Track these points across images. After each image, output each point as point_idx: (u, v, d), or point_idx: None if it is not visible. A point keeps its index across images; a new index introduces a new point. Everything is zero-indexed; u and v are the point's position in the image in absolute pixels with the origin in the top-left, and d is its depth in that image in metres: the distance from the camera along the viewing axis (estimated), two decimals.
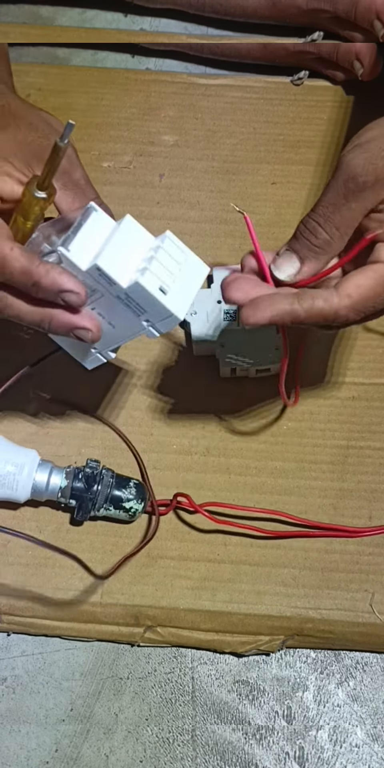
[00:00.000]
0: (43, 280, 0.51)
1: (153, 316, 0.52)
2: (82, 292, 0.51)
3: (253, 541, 0.62)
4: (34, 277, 0.51)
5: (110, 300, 0.52)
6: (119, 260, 0.51)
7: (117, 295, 0.52)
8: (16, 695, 0.60)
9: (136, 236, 0.52)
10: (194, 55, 0.84)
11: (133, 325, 0.53)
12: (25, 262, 0.51)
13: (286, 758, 0.58)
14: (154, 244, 0.52)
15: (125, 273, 0.51)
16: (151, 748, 0.58)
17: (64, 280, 0.51)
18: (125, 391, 0.68)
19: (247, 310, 0.51)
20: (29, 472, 0.60)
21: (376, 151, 0.49)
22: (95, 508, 0.60)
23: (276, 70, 0.83)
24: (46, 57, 0.85)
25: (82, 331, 0.53)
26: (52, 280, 0.51)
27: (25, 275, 0.51)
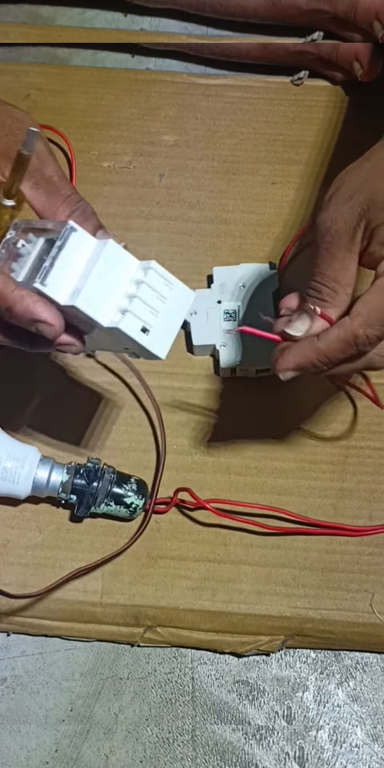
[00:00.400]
0: (16, 307, 0.49)
1: (134, 349, 0.51)
2: (57, 324, 0.49)
3: (253, 541, 0.62)
4: (8, 303, 0.49)
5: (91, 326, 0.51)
6: (99, 296, 0.48)
7: (99, 328, 0.50)
8: (16, 695, 0.60)
9: (118, 264, 0.49)
10: (194, 55, 0.84)
11: (117, 345, 0.52)
12: (0, 286, 0.49)
13: (286, 758, 0.58)
14: (138, 273, 0.50)
15: (106, 310, 0.48)
16: (151, 748, 0.58)
17: (39, 309, 0.49)
18: (125, 391, 0.68)
19: (277, 362, 0.54)
20: (31, 466, 0.60)
21: (333, 206, 0.52)
22: (96, 503, 0.60)
23: (276, 70, 0.83)
24: (46, 57, 0.84)
25: (65, 347, 0.52)
26: (25, 308, 0.48)
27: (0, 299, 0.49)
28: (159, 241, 0.74)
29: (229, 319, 0.68)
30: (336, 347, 0.51)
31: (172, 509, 0.63)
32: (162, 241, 0.74)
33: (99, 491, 0.60)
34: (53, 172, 0.53)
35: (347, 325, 0.51)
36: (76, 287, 0.48)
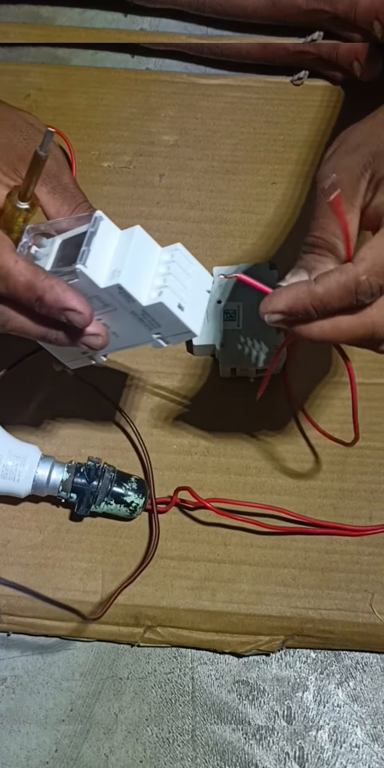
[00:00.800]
0: (47, 296, 0.49)
1: (167, 330, 0.52)
2: (87, 313, 0.49)
3: (253, 541, 0.62)
4: (38, 292, 0.49)
5: (122, 314, 0.51)
6: (137, 277, 0.50)
7: (132, 310, 0.51)
8: (16, 695, 0.60)
9: (146, 249, 0.51)
10: (194, 55, 0.84)
11: (140, 337, 0.53)
12: (30, 276, 0.49)
13: (286, 758, 0.58)
14: (165, 256, 0.51)
15: (143, 290, 0.50)
16: (151, 748, 0.58)
17: (68, 297, 0.49)
18: (125, 391, 0.68)
19: (264, 302, 0.49)
20: (31, 464, 0.60)
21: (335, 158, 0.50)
22: (96, 502, 0.60)
23: (276, 70, 0.83)
24: (46, 57, 0.85)
25: (91, 338, 0.51)
26: (55, 296, 0.49)
27: (29, 290, 0.49)
28: (159, 241, 0.73)
29: (229, 319, 0.68)
30: (334, 293, 0.47)
31: (172, 509, 0.63)
32: (162, 241, 0.73)
33: (99, 490, 0.60)
34: (70, 179, 0.55)
35: (350, 269, 0.47)
36: (112, 270, 0.49)
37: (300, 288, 0.48)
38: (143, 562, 0.61)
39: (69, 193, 0.54)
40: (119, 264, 0.49)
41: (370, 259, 0.46)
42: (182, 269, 0.51)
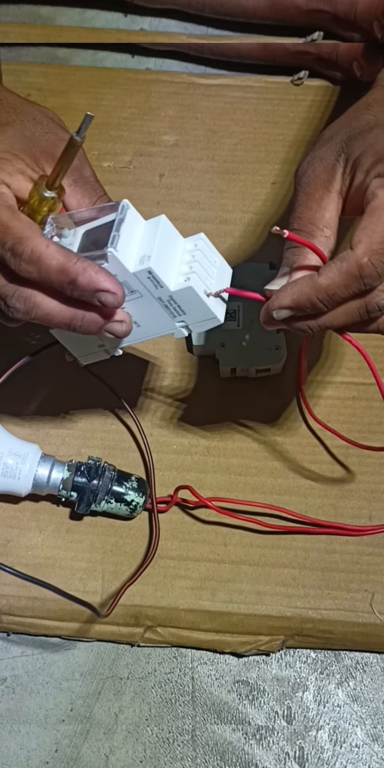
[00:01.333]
0: (80, 278, 0.48)
1: (192, 318, 0.52)
2: (120, 293, 0.49)
3: (253, 541, 0.62)
4: (71, 275, 0.49)
5: (147, 301, 0.52)
6: (165, 263, 0.50)
7: (159, 296, 0.51)
8: (16, 695, 0.60)
9: (171, 237, 0.52)
10: (194, 55, 0.84)
11: (163, 326, 0.53)
12: (62, 259, 0.49)
13: (286, 758, 0.58)
14: (189, 245, 0.52)
15: (172, 276, 0.51)
16: (151, 748, 0.58)
17: (101, 278, 0.49)
18: (124, 392, 0.68)
19: (271, 300, 0.49)
20: (32, 463, 0.60)
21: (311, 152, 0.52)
22: (96, 501, 0.60)
23: (276, 70, 0.83)
24: (46, 57, 0.85)
25: (116, 325, 0.51)
26: (89, 278, 0.48)
27: (62, 273, 0.49)
28: None
29: (230, 319, 0.68)
30: (339, 282, 0.46)
31: (172, 509, 0.63)
32: None
33: (99, 489, 0.60)
34: (90, 173, 0.56)
35: (350, 255, 0.46)
36: (141, 256, 0.50)
37: (304, 282, 0.48)
38: (144, 560, 0.61)
39: (90, 186, 0.55)
40: (148, 250, 0.50)
41: (366, 240, 0.46)
42: (206, 258, 0.52)
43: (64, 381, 0.68)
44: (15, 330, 0.55)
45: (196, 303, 0.51)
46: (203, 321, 0.52)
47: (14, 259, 0.49)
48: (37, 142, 0.53)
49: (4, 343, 0.67)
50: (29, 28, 0.85)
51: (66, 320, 0.51)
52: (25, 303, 0.51)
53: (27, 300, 0.51)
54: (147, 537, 0.63)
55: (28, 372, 0.66)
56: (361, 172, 0.48)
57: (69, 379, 0.67)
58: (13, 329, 0.55)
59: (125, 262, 0.50)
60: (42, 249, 0.49)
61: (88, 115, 0.48)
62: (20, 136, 0.53)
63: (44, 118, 0.55)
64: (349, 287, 0.47)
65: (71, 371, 0.66)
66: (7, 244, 0.49)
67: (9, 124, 0.54)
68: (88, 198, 0.55)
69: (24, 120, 0.55)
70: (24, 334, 0.68)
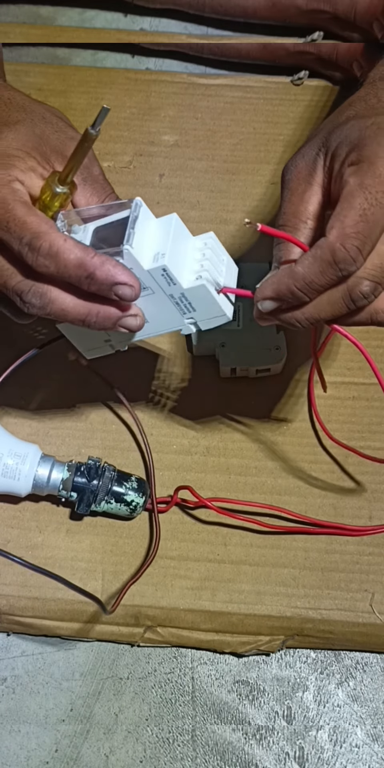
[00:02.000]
0: (98, 272, 0.49)
1: (201, 315, 0.53)
2: (137, 286, 0.50)
3: (253, 540, 0.62)
4: (89, 269, 0.49)
5: (158, 297, 0.52)
6: (178, 261, 0.51)
7: (170, 293, 0.52)
8: (16, 695, 0.60)
9: (182, 236, 0.53)
10: (194, 55, 0.84)
11: (172, 322, 0.54)
12: (80, 254, 0.49)
13: (286, 758, 0.58)
14: (198, 244, 0.53)
15: (184, 274, 0.52)
16: (151, 748, 0.58)
17: (118, 272, 0.49)
18: (124, 392, 0.68)
19: (255, 294, 0.50)
20: (31, 463, 0.60)
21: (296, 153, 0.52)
22: (96, 501, 0.60)
23: (276, 70, 0.83)
24: (46, 57, 0.85)
25: (130, 320, 0.52)
26: (106, 272, 0.49)
27: (80, 267, 0.49)
28: None
29: None
30: (314, 269, 0.47)
31: (172, 509, 0.63)
32: None
33: (99, 489, 0.60)
34: (99, 171, 0.56)
35: (323, 241, 0.47)
36: (155, 253, 0.51)
37: (282, 272, 0.49)
38: (146, 559, 0.61)
39: (99, 184, 0.55)
40: (161, 248, 0.51)
41: (338, 225, 0.47)
42: (216, 256, 0.53)
43: (64, 381, 0.68)
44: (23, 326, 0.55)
45: (207, 300, 0.52)
46: (212, 318, 0.53)
47: (32, 254, 0.49)
48: (47, 140, 0.54)
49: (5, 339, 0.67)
50: (29, 28, 0.85)
51: (81, 316, 0.51)
52: (41, 298, 0.51)
53: (43, 295, 0.51)
54: (147, 537, 0.63)
55: (28, 372, 0.66)
56: (337, 163, 0.49)
57: (69, 379, 0.67)
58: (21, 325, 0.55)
59: (140, 259, 0.50)
60: (60, 243, 0.49)
61: (105, 107, 0.48)
62: (31, 134, 0.53)
63: (53, 117, 0.56)
64: (325, 273, 0.47)
65: (71, 371, 0.66)
66: (25, 239, 0.49)
67: (20, 122, 0.54)
68: (96, 196, 0.55)
69: (34, 119, 0.55)
70: (28, 327, 0.68)
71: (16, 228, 0.49)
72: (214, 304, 0.52)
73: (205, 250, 0.53)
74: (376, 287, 0.48)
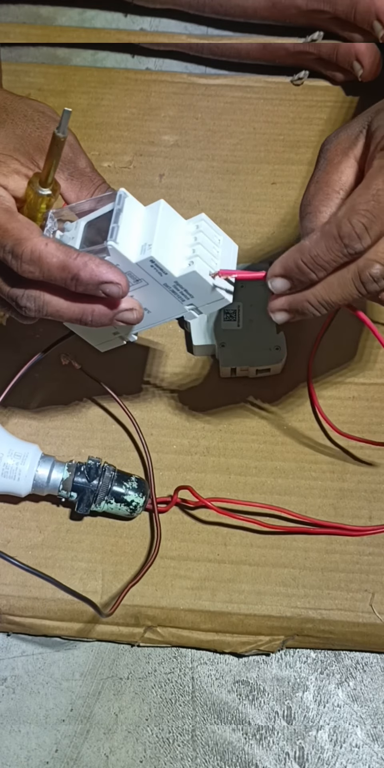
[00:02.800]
0: (82, 273, 0.49)
1: (200, 300, 0.52)
2: (124, 283, 0.50)
3: (254, 540, 0.62)
4: (73, 271, 0.49)
5: (154, 288, 0.52)
6: (167, 249, 0.50)
7: (164, 283, 0.51)
8: (16, 695, 0.60)
9: (172, 221, 0.51)
10: (194, 55, 0.84)
11: (173, 310, 0.53)
12: (62, 257, 0.49)
13: (286, 758, 0.58)
14: (190, 227, 0.52)
15: (175, 262, 0.50)
16: (151, 748, 0.58)
17: (103, 271, 0.49)
18: (125, 392, 0.68)
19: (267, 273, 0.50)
20: (32, 463, 0.60)
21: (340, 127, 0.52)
22: (96, 501, 0.60)
23: (276, 70, 0.83)
24: (46, 57, 0.85)
25: (126, 314, 0.51)
26: (90, 272, 0.49)
27: (64, 270, 0.49)
28: None
29: (230, 319, 0.68)
30: (320, 244, 0.47)
31: (172, 509, 0.63)
32: None
33: (99, 489, 0.60)
34: (86, 163, 0.55)
35: (333, 218, 0.47)
36: (142, 245, 0.50)
37: (293, 248, 0.48)
38: (147, 560, 0.61)
39: (87, 177, 0.55)
40: (148, 238, 0.50)
41: (350, 202, 0.46)
42: (209, 238, 0.51)
43: (64, 381, 0.68)
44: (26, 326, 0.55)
45: (202, 286, 0.51)
46: (212, 302, 0.52)
47: (16, 261, 0.49)
48: (29, 139, 0.53)
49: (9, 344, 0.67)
50: (29, 28, 0.85)
51: (76, 315, 0.51)
52: (35, 302, 0.51)
53: (36, 299, 0.51)
54: (147, 537, 0.63)
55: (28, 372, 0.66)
56: (373, 144, 0.49)
57: (69, 379, 0.67)
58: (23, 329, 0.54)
59: (126, 253, 0.50)
60: (41, 248, 0.49)
61: (66, 110, 0.48)
62: (12, 135, 0.53)
63: (35, 113, 0.55)
64: (331, 249, 0.47)
65: (71, 371, 0.66)
66: (7, 247, 0.49)
67: (0, 124, 0.54)
68: (86, 190, 0.54)
69: (15, 119, 0.54)
70: (29, 329, 0.68)
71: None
72: (210, 288, 0.51)
73: (197, 233, 0.51)
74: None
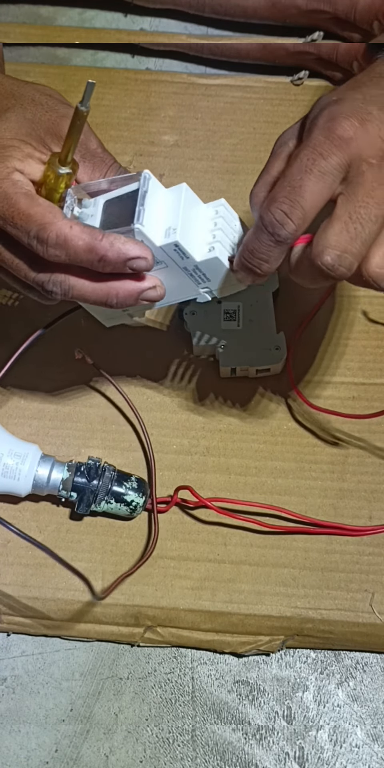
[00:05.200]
0: (109, 254, 0.49)
1: (216, 283, 0.53)
2: (150, 256, 0.50)
3: (253, 540, 0.62)
4: (100, 252, 0.49)
5: (172, 270, 0.52)
6: (189, 234, 0.51)
7: (184, 266, 0.52)
8: (16, 695, 0.60)
9: (193, 205, 0.52)
10: (194, 55, 0.84)
11: (187, 291, 0.54)
12: (88, 239, 0.49)
13: (286, 758, 0.58)
14: (210, 212, 0.53)
15: (196, 246, 0.51)
16: (151, 748, 0.58)
17: (129, 248, 0.50)
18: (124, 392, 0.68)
19: None
20: (31, 463, 0.60)
21: None
22: (96, 501, 0.60)
23: (276, 70, 0.83)
24: (46, 57, 0.85)
25: (150, 292, 0.52)
26: (117, 252, 0.49)
27: (90, 252, 0.49)
28: None
29: (229, 319, 0.68)
30: (251, 236, 0.48)
31: (172, 509, 0.63)
32: None
33: (99, 489, 0.60)
34: (97, 144, 0.56)
35: None
36: (166, 228, 0.51)
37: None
38: (144, 554, 0.61)
39: (98, 158, 0.55)
40: (173, 221, 0.51)
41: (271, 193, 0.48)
42: (227, 224, 0.53)
43: (64, 381, 0.68)
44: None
45: (220, 270, 0.52)
46: (227, 286, 0.54)
47: (41, 246, 0.50)
48: (39, 123, 0.53)
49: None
50: (29, 28, 0.85)
51: (102, 298, 0.52)
52: (61, 286, 0.51)
53: (62, 283, 0.51)
54: (147, 537, 0.63)
55: (28, 372, 0.66)
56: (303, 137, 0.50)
57: (69, 378, 0.67)
58: None
59: (152, 236, 0.50)
60: (66, 231, 0.49)
61: (90, 82, 0.48)
62: (23, 120, 0.53)
63: (43, 96, 0.55)
64: (261, 239, 0.48)
65: (71, 371, 0.66)
66: (32, 232, 0.50)
67: (9, 109, 0.54)
68: (98, 171, 0.55)
69: (24, 103, 0.54)
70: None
71: (22, 222, 0.50)
72: (228, 273, 0.52)
73: (216, 218, 0.52)
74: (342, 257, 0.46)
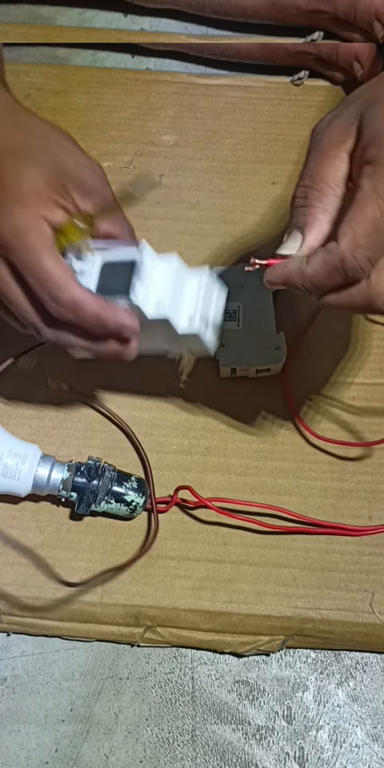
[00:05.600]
0: (109, 322, 0.53)
1: (190, 347, 0.58)
2: (136, 325, 0.54)
3: (253, 540, 0.62)
4: (103, 321, 0.53)
5: (154, 331, 0.56)
6: (177, 306, 0.55)
7: (167, 331, 0.55)
8: (16, 695, 0.60)
9: (182, 276, 0.56)
10: (194, 55, 0.84)
11: (162, 346, 0.58)
12: (96, 307, 0.53)
13: (286, 758, 0.58)
14: (195, 280, 0.56)
15: (181, 317, 0.55)
16: (151, 748, 0.58)
17: (127, 320, 0.54)
18: (125, 391, 0.68)
19: (267, 272, 0.51)
20: (31, 463, 0.60)
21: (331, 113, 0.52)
22: (96, 501, 0.60)
23: (276, 70, 0.83)
24: (46, 57, 0.85)
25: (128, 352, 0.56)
26: (115, 320, 0.54)
27: (96, 319, 0.53)
28: (159, 241, 0.73)
29: (230, 319, 0.68)
30: (322, 273, 0.48)
31: (172, 509, 0.63)
32: (162, 241, 0.73)
33: (99, 489, 0.60)
34: (111, 197, 0.57)
35: (334, 248, 0.47)
36: (156, 300, 0.55)
37: (293, 266, 0.50)
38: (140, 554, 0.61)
39: (109, 211, 0.57)
40: (163, 294, 0.55)
41: (350, 234, 0.47)
42: (209, 294, 0.57)
43: (65, 381, 0.67)
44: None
45: (196, 340, 0.56)
46: (197, 351, 0.58)
47: (54, 305, 0.53)
48: (65, 170, 0.54)
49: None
50: (29, 28, 0.85)
51: (87, 351, 0.56)
52: (55, 335, 0.55)
53: (58, 335, 0.55)
54: (146, 537, 0.63)
55: (28, 372, 0.66)
56: (361, 146, 0.49)
57: (69, 379, 0.67)
58: None
59: (144, 307, 0.54)
60: (79, 296, 0.53)
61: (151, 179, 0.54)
62: (52, 166, 0.54)
63: (67, 143, 0.56)
64: (333, 278, 0.48)
65: (72, 371, 0.66)
66: (48, 290, 0.52)
67: (40, 152, 0.54)
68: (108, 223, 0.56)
69: (50, 147, 0.55)
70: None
71: (42, 277, 0.52)
72: (202, 343, 0.56)
73: (199, 289, 0.56)
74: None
